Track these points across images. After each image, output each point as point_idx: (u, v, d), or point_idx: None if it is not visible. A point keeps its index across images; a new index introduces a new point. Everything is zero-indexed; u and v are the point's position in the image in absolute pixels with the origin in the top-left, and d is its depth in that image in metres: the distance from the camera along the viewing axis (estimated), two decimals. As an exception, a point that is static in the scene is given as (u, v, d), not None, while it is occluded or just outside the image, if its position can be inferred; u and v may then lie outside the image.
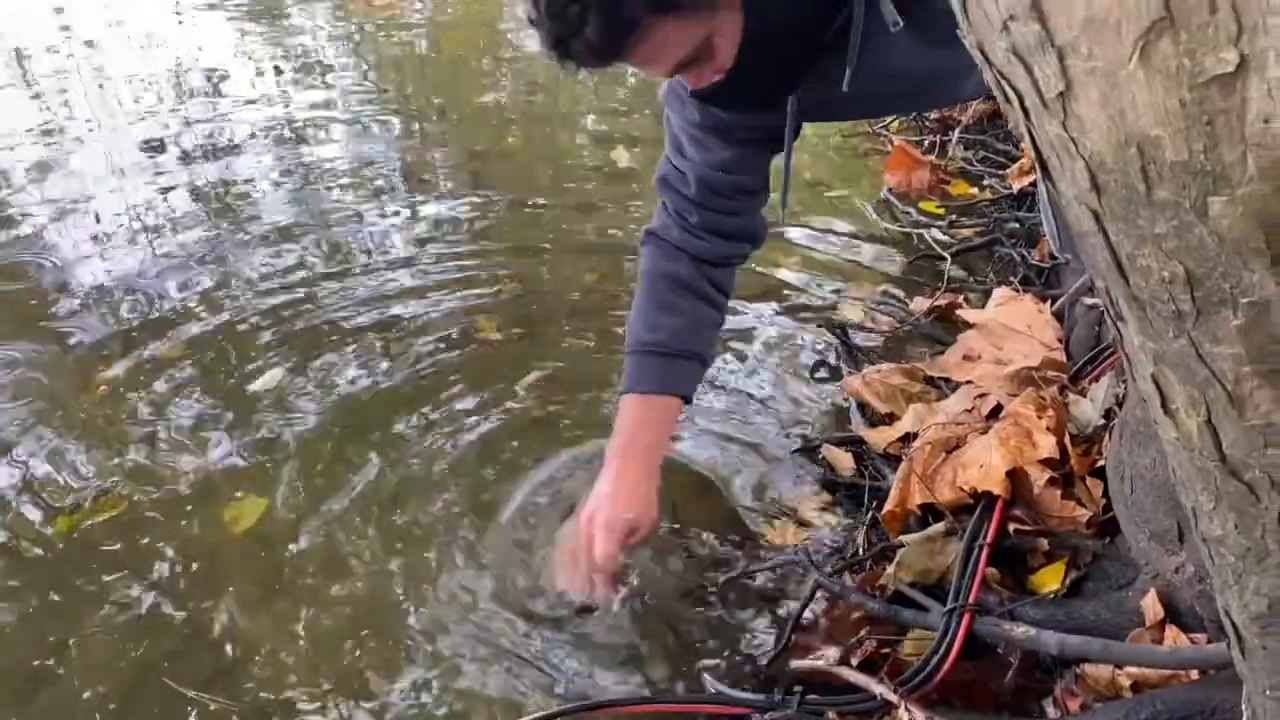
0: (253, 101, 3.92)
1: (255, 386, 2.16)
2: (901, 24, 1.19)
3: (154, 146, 3.41)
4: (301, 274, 2.62)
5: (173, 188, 3.12)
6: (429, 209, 3.05)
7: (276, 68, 4.26)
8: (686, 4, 1.12)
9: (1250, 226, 0.60)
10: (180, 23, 4.94)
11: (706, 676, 1.48)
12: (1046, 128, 0.67)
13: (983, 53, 0.69)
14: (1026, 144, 0.72)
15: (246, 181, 3.20)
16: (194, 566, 1.70)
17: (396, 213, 3.02)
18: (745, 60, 1.20)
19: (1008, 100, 0.70)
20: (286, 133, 3.62)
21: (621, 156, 3.55)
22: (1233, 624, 0.85)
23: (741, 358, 2.27)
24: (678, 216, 1.61)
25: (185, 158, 3.35)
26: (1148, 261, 0.67)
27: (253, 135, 3.57)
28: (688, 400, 1.64)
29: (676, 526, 1.75)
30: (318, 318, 2.42)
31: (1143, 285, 0.69)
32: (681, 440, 1.96)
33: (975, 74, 0.73)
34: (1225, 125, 0.57)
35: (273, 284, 2.56)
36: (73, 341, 2.31)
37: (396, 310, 2.46)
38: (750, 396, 2.12)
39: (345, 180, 3.25)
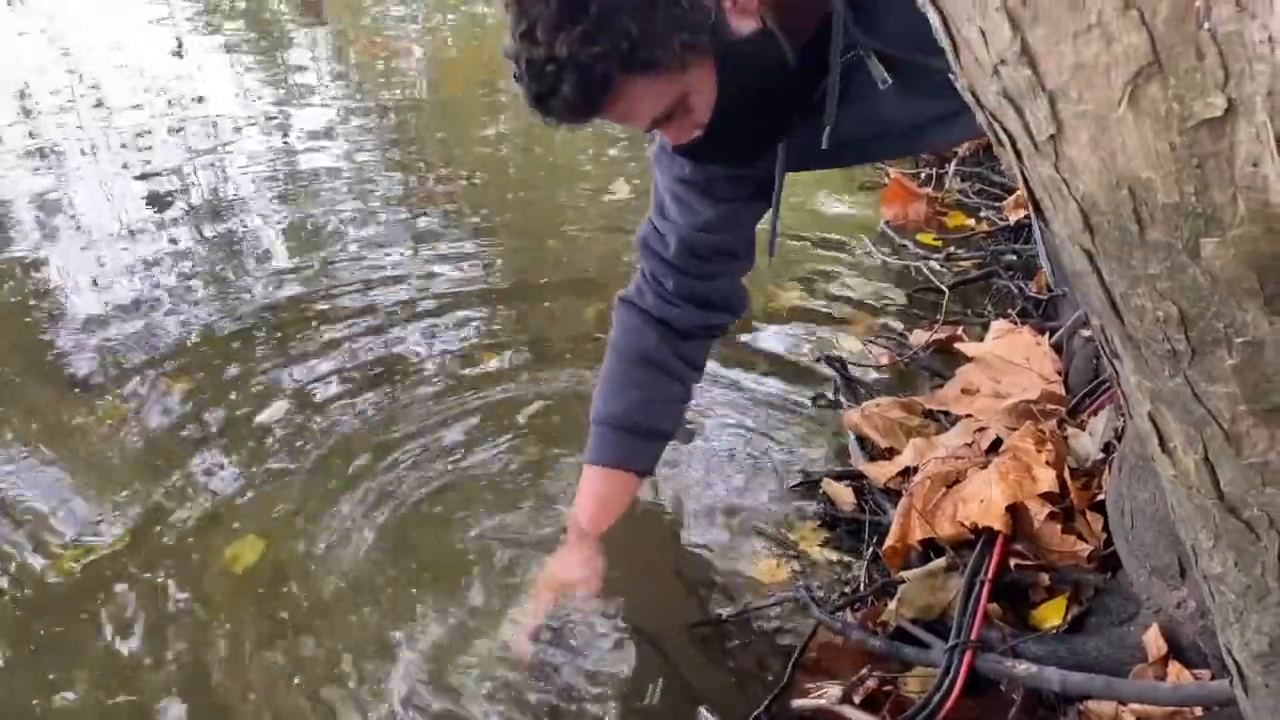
0: (253, 140, 3.94)
1: (260, 419, 2.16)
2: (890, 82, 1.22)
3: (155, 190, 3.42)
4: (303, 308, 2.63)
5: (174, 226, 3.13)
6: (430, 243, 3.06)
7: (283, 112, 4.28)
8: (657, 63, 1.14)
9: (1243, 267, 0.60)
10: (181, 59, 4.98)
11: (707, 715, 1.47)
12: (1039, 169, 0.68)
13: (975, 95, 0.70)
14: (1020, 184, 0.73)
15: (247, 220, 3.21)
16: (194, 605, 1.69)
17: (397, 246, 3.03)
18: (723, 117, 1.22)
19: (1000, 142, 0.71)
20: (287, 170, 3.64)
21: (621, 188, 3.57)
22: (1235, 662, 0.84)
23: (740, 391, 2.26)
24: (653, 281, 1.61)
25: (186, 196, 3.36)
26: (1142, 301, 0.67)
27: (253, 176, 3.59)
28: (646, 473, 1.68)
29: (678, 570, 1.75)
30: (321, 351, 2.42)
31: (1137, 325, 0.70)
32: (681, 477, 1.96)
33: (967, 114, 0.74)
34: (1215, 168, 0.58)
35: (275, 319, 2.57)
36: (78, 376, 2.31)
37: (399, 343, 2.47)
38: (749, 431, 2.12)
39: (346, 215, 3.26)
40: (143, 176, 3.52)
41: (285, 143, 3.94)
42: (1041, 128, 0.64)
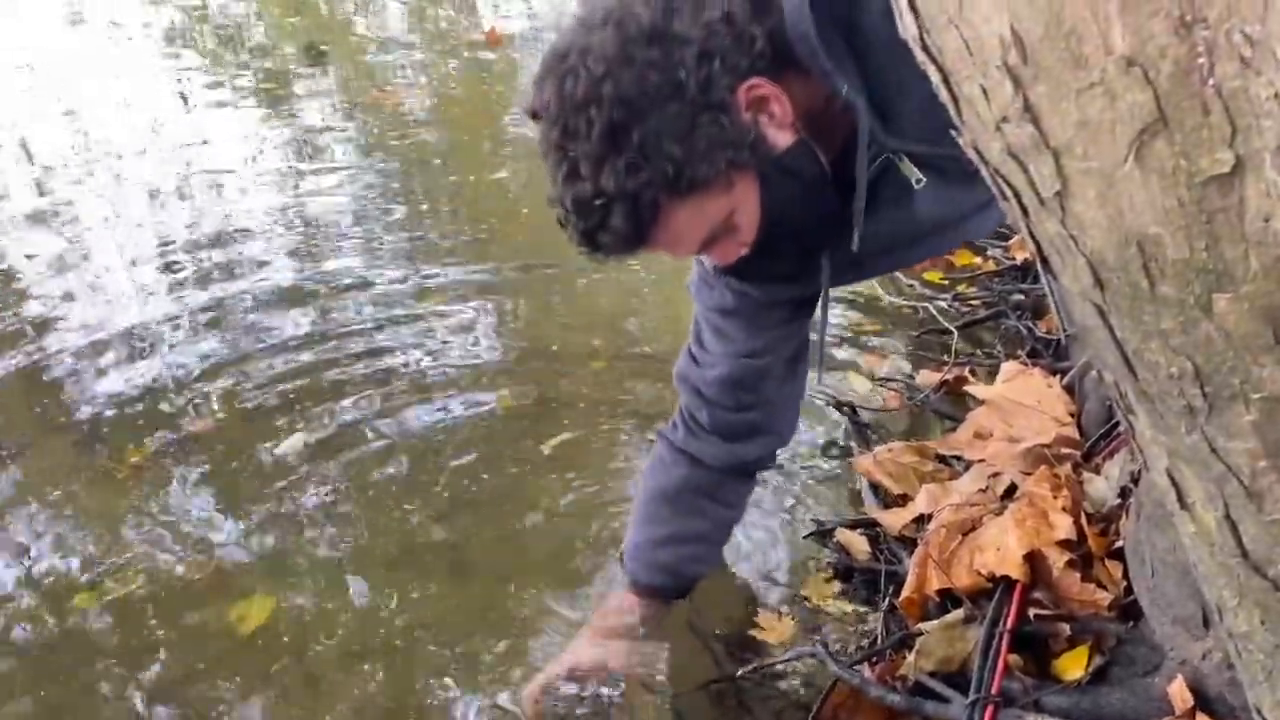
0: (264, 191, 3.95)
1: (274, 469, 2.14)
2: (924, 180, 1.22)
3: (165, 244, 3.43)
4: (315, 353, 2.62)
5: (185, 280, 3.12)
6: (440, 287, 3.06)
7: (292, 161, 4.32)
8: (703, 183, 1.14)
9: (1257, 323, 0.59)
10: (188, 111, 5.04)
11: (724, 775, 1.44)
12: (1046, 225, 0.67)
13: (979, 152, 0.70)
14: (1026, 239, 0.72)
15: (258, 272, 3.19)
16: (200, 665, 1.67)
17: (407, 290, 3.03)
18: (769, 232, 1.22)
19: (1005, 198, 0.70)
20: (298, 220, 3.65)
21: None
22: (1266, 722, 0.82)
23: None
24: (687, 415, 1.61)
25: (195, 250, 3.36)
26: (1155, 357, 0.66)
27: (263, 226, 3.59)
28: (670, 600, 1.66)
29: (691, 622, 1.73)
30: (334, 401, 2.40)
31: (1151, 380, 0.68)
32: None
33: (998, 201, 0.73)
34: (1225, 223, 0.57)
35: (288, 366, 2.56)
36: (90, 430, 2.30)
37: (413, 389, 2.46)
38: (761, 479, 2.08)
39: (357, 266, 3.25)
40: (153, 231, 3.53)
41: (295, 192, 3.95)
42: (1047, 184, 0.64)
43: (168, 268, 3.20)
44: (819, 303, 1.45)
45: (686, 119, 1.11)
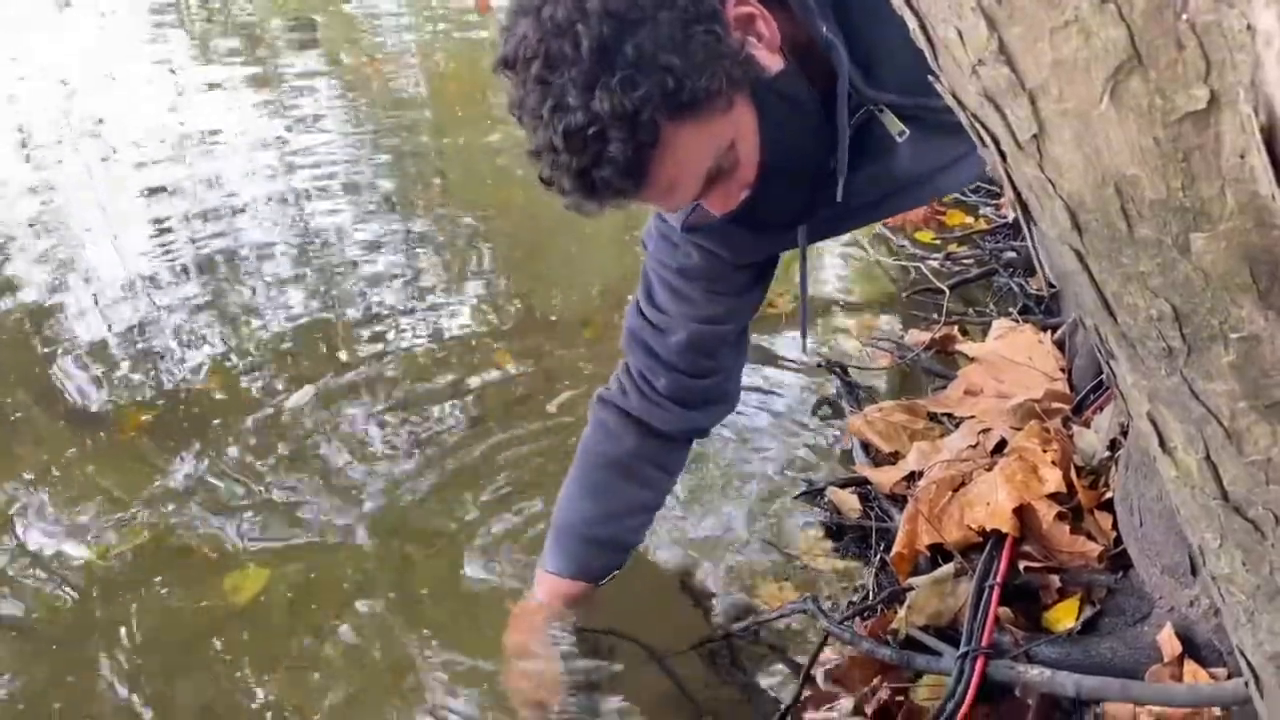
0: (254, 167, 3.92)
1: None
2: (908, 133, 1.19)
3: (158, 224, 3.40)
4: (311, 321, 2.63)
5: (178, 261, 3.09)
6: (433, 258, 3.06)
7: (283, 138, 4.28)
8: (703, 99, 1.06)
9: (1235, 262, 0.59)
10: (179, 92, 4.99)
11: (719, 732, 1.45)
12: (1023, 169, 0.67)
13: (956, 97, 0.69)
14: (1005, 185, 0.72)
15: (252, 248, 3.15)
16: (192, 636, 1.67)
17: (400, 259, 3.03)
18: (769, 165, 1.17)
19: (983, 143, 0.69)
20: (287, 189, 3.63)
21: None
22: (1249, 663, 0.82)
23: (741, 400, 2.24)
24: (640, 379, 1.53)
25: (189, 228, 3.33)
26: (1134, 299, 0.66)
27: (254, 193, 3.57)
28: (603, 580, 1.62)
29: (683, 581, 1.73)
30: (330, 375, 2.40)
31: (1131, 323, 0.68)
32: (684, 489, 1.93)
33: (975, 153, 0.73)
34: (1201, 161, 0.56)
35: (285, 333, 2.57)
36: (86, 407, 2.29)
37: (407, 354, 2.47)
38: (751, 440, 2.10)
39: (349, 229, 3.25)
40: (145, 200, 3.51)
41: (286, 162, 3.93)
42: (1023, 127, 0.63)
43: (161, 235, 3.19)
44: (788, 264, 1.43)
45: (680, 28, 1.03)
